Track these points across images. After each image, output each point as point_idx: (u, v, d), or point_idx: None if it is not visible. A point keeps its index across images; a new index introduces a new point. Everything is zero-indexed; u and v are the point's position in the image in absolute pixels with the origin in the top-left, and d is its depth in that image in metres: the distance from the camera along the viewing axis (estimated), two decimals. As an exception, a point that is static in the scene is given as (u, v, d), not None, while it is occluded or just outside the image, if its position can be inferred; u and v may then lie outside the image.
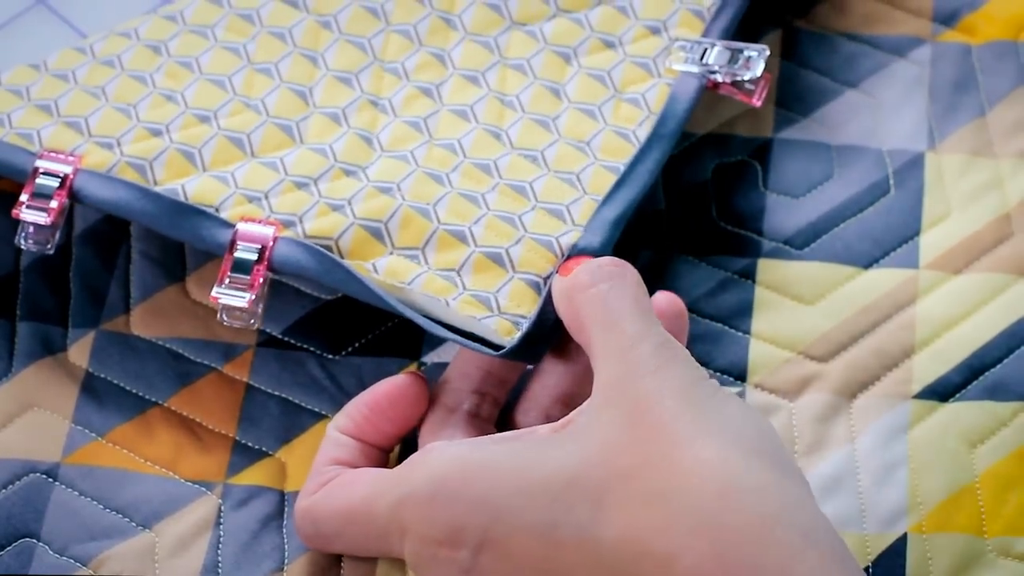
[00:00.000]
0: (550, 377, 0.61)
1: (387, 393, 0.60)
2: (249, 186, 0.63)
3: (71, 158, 0.64)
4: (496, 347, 0.59)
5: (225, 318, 0.62)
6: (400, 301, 0.61)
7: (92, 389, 0.65)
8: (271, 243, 0.61)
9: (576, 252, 0.61)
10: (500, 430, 0.61)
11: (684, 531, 0.49)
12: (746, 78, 0.67)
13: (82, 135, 0.65)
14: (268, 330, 0.66)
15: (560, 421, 0.54)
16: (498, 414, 0.61)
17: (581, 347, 0.58)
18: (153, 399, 0.65)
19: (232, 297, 0.61)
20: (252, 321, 0.62)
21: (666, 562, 0.49)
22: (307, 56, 0.67)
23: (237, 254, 0.61)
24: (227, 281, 0.62)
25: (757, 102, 0.68)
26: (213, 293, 0.61)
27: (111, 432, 0.64)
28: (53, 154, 0.64)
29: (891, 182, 0.69)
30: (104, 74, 0.67)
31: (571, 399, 0.60)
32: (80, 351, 0.66)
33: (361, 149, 0.65)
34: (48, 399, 0.65)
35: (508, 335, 0.59)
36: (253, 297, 0.61)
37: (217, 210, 0.63)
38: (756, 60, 0.67)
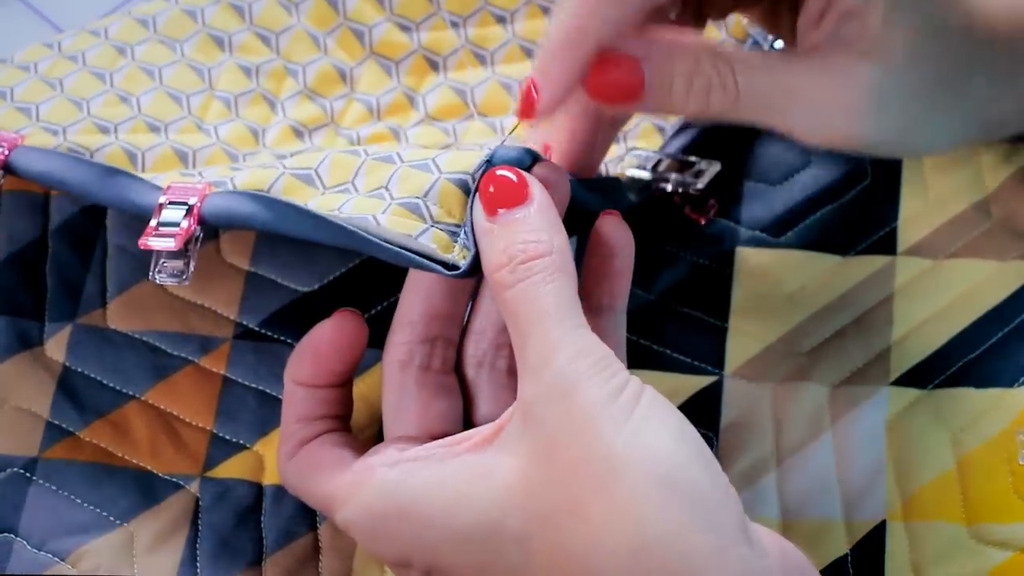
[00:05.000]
0: (492, 308, 0.60)
1: (324, 337, 0.59)
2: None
3: (13, 135, 0.63)
4: (443, 265, 0.56)
5: (158, 276, 0.59)
6: (341, 222, 0.57)
7: (69, 383, 0.65)
8: (200, 199, 0.59)
9: (498, 159, 0.57)
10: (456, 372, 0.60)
11: None
12: (697, 187, 0.67)
13: (30, 119, 0.64)
14: (245, 322, 0.66)
15: (492, 426, 0.54)
16: (454, 355, 0.60)
17: None
18: (130, 392, 0.65)
19: (162, 241, 0.59)
20: (184, 276, 0.60)
21: None
22: (267, 99, 0.68)
23: (165, 211, 0.59)
24: (154, 236, 0.59)
25: (703, 220, 0.68)
26: (142, 241, 0.59)
27: (88, 426, 0.64)
28: None
29: (869, 168, 0.69)
30: (65, 67, 0.67)
31: None
32: (57, 345, 0.66)
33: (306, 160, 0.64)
34: (25, 394, 0.65)
35: (447, 250, 0.56)
36: (182, 245, 0.58)
37: (150, 179, 0.61)
38: (706, 172, 0.67)
